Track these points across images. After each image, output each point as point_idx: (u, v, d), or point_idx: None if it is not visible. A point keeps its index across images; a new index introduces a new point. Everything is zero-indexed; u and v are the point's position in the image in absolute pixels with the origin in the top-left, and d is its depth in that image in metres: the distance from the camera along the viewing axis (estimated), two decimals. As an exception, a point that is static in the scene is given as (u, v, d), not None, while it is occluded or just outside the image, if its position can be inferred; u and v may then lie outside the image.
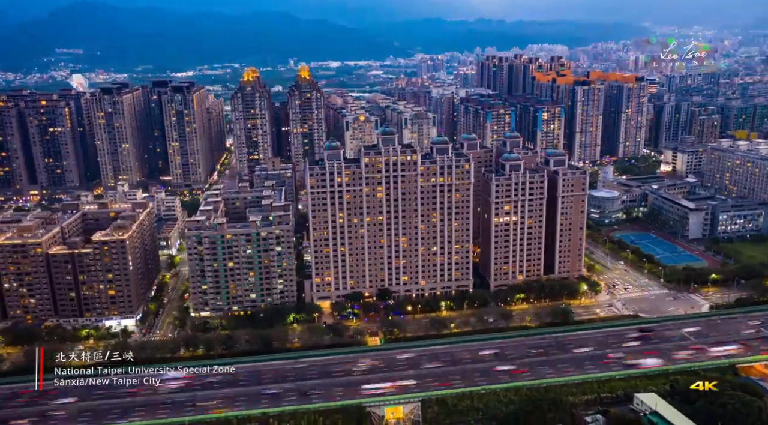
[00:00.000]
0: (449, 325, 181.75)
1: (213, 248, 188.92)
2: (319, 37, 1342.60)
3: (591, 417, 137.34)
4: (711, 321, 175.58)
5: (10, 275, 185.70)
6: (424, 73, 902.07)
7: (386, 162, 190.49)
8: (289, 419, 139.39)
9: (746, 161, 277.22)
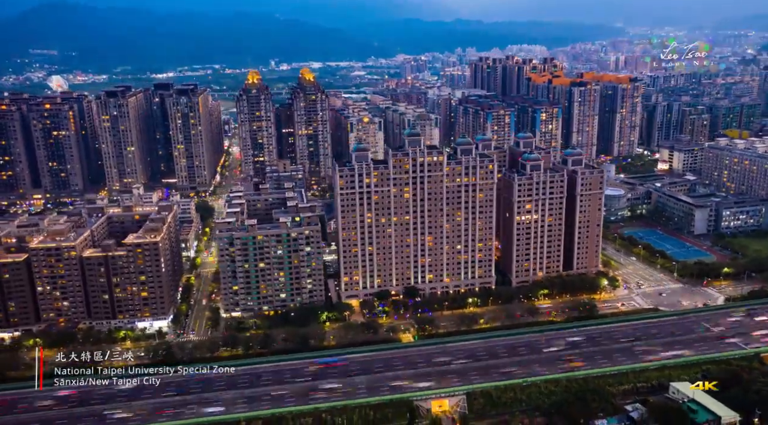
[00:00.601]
0: (479, 321, 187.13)
1: (244, 249, 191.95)
2: (299, 38, 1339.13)
3: (631, 406, 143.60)
4: (729, 313, 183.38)
5: (44, 279, 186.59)
6: (408, 74, 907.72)
7: (413, 163, 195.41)
8: (341, 414, 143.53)
9: (744, 159, 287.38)
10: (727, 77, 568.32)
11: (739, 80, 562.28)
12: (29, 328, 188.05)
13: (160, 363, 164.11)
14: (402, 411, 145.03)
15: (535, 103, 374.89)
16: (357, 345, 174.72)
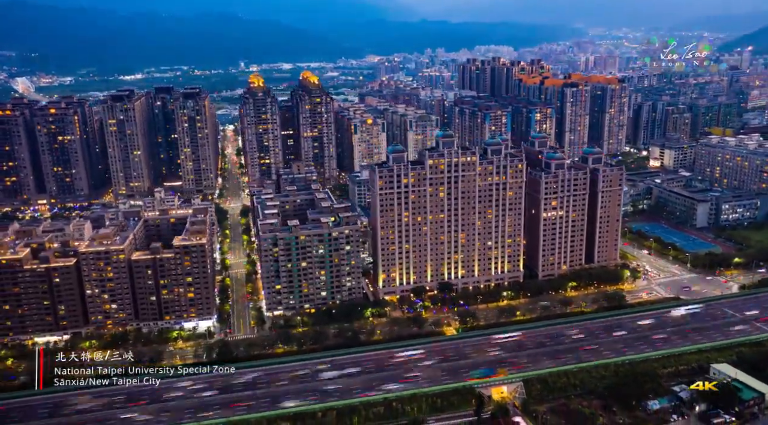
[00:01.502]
0: (515, 313, 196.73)
1: (287, 249, 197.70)
2: (267, 38, 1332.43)
3: (678, 387, 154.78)
4: (748, 300, 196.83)
5: (93, 282, 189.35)
6: (382, 75, 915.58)
7: (448, 163, 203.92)
8: (410, 402, 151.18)
9: (736, 155, 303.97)
10: (698, 77, 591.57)
11: (709, 80, 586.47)
12: (78, 331, 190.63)
13: (218, 361, 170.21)
14: (466, 399, 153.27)
15: (529, 103, 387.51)
16: (404, 339, 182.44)
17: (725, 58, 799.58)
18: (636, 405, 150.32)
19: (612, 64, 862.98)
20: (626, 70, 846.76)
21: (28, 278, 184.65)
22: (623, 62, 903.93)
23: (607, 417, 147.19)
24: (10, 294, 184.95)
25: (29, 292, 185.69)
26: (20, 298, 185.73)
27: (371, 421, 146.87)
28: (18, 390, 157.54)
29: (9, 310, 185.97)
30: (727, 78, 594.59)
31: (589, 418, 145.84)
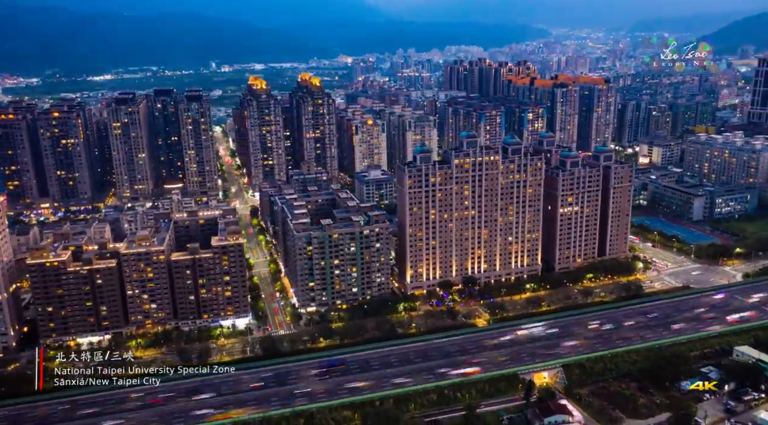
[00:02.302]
0: (540, 304, 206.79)
1: (321, 247, 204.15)
2: (235, 38, 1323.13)
3: (707, 368, 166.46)
4: (755, 286, 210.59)
5: (134, 283, 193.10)
6: (359, 76, 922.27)
7: (473, 162, 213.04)
8: (461, 389, 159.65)
9: (724, 151, 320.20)
10: (671, 77, 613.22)
11: (681, 80, 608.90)
12: (119, 331, 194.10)
13: (265, 357, 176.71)
14: (513, 384, 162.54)
15: (521, 104, 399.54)
16: (440, 331, 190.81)
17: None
18: (670, 385, 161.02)
19: (583, 64, 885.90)
20: (596, 70, 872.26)
21: (71, 280, 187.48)
22: (593, 62, 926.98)
23: (646, 397, 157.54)
24: (53, 296, 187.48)
25: (72, 294, 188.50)
26: (63, 300, 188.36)
27: (426, 408, 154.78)
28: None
29: (52, 312, 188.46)
30: (698, 78, 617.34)
31: (630, 399, 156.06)
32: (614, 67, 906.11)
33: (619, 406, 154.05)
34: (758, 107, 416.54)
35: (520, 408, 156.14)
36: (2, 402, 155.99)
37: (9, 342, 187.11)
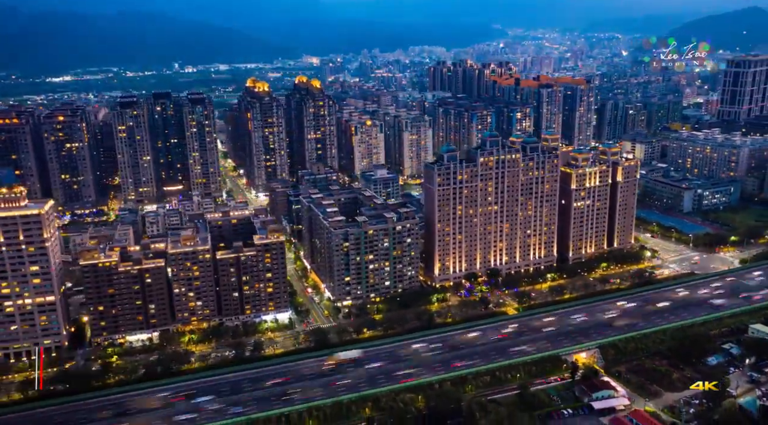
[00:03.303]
0: (563, 292, 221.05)
1: (357, 243, 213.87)
2: (197, 39, 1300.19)
3: (728, 345, 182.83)
4: (755, 270, 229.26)
5: (181, 281, 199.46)
6: (329, 76, 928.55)
7: (496, 160, 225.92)
8: (511, 370, 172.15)
9: (706, 147, 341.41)
10: (638, 77, 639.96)
11: (646, 80, 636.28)
12: (166, 328, 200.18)
13: (317, 348, 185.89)
14: (557, 365, 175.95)
15: (509, 104, 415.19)
16: (473, 319, 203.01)
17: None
18: (697, 361, 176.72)
19: (547, 64, 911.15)
20: (559, 70, 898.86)
21: (122, 280, 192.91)
22: (556, 62, 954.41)
23: (678, 372, 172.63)
24: (104, 296, 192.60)
25: (123, 293, 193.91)
26: (114, 299, 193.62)
27: (481, 388, 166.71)
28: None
29: (103, 311, 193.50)
30: (661, 78, 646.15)
31: (665, 374, 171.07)
32: (576, 67, 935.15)
33: (656, 381, 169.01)
34: (727, 105, 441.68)
35: (567, 386, 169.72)
36: (83, 395, 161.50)
37: (62, 342, 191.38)
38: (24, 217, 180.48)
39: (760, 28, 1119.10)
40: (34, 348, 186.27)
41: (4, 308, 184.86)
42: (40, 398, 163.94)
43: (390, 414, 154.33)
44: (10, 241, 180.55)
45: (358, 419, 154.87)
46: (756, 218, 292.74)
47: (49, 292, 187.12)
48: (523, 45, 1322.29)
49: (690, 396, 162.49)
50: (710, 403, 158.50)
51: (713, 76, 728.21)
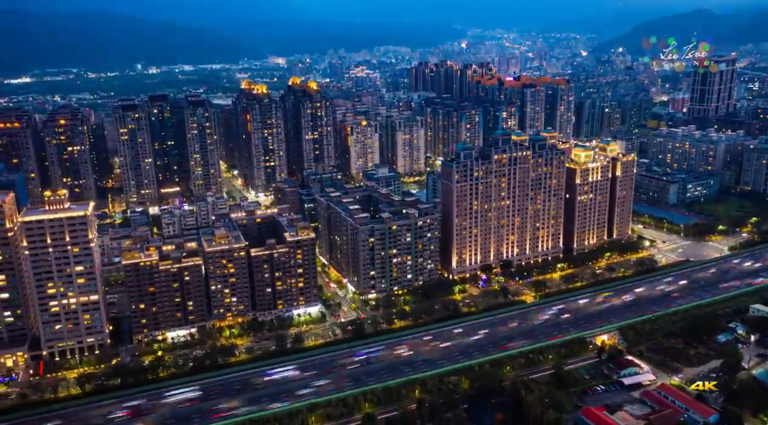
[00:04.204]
0: (574, 280, 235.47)
1: (382, 238, 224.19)
2: (157, 38, 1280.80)
3: (733, 324, 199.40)
4: (744, 256, 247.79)
5: (217, 278, 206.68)
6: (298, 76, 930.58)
7: (509, 157, 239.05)
8: (542, 352, 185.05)
9: (685, 143, 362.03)
10: (606, 77, 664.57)
11: (614, 79, 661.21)
12: (203, 324, 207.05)
13: (356, 338, 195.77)
14: (583, 346, 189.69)
15: (494, 103, 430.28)
16: (496, 308, 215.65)
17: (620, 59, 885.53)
18: (708, 339, 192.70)
19: (514, 64, 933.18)
20: (526, 70, 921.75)
21: (163, 278, 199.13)
22: (522, 63, 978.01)
23: (693, 350, 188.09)
24: (145, 294, 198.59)
25: (163, 291, 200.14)
26: (155, 297, 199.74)
27: (517, 369, 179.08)
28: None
29: (144, 309, 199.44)
30: (628, 77, 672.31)
31: (682, 352, 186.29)
32: (542, 66, 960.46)
33: (675, 358, 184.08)
34: (697, 103, 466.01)
35: (595, 365, 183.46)
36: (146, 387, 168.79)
37: (104, 340, 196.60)
38: (70, 218, 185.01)
39: (708, 29, 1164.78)
40: (78, 346, 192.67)
41: (49, 308, 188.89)
42: (98, 392, 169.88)
43: (439, 395, 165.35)
44: (57, 242, 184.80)
45: (410, 400, 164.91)
46: (736, 208, 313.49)
47: (93, 291, 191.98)
48: (485, 45, 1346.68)
49: (708, 370, 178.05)
50: (726, 376, 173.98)
51: (674, 75, 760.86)
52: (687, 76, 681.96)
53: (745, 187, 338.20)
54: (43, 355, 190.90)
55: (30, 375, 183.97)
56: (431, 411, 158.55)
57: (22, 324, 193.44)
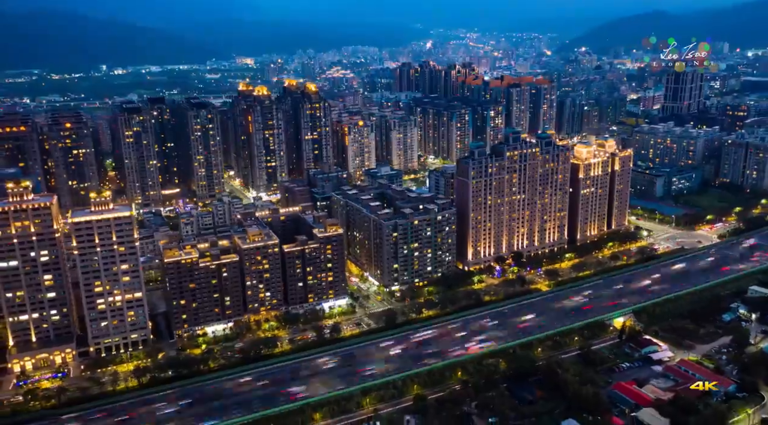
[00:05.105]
0: (583, 268, 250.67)
1: (404, 233, 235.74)
2: (120, 39, 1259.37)
3: (735, 304, 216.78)
4: (734, 244, 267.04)
5: (253, 274, 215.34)
6: (273, 76, 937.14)
7: (519, 154, 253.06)
8: (567, 335, 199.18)
9: (666, 138, 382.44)
10: (579, 76, 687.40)
11: (586, 78, 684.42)
12: (239, 318, 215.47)
13: (390, 327, 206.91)
14: (603, 328, 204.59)
15: (481, 103, 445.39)
16: (514, 296, 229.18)
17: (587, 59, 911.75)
18: (714, 319, 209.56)
19: (485, 63, 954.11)
20: (496, 70, 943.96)
21: (202, 275, 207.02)
22: (492, 62, 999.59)
23: (703, 329, 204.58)
24: (186, 290, 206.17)
25: (202, 287, 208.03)
26: (195, 293, 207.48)
27: (547, 351, 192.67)
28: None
29: (184, 304, 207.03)
30: (599, 77, 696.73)
31: (693, 330, 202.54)
32: (510, 66, 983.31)
33: (687, 336, 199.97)
34: (670, 101, 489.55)
35: (616, 345, 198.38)
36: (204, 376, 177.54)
37: (147, 335, 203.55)
38: (117, 219, 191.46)
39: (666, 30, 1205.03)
40: (123, 342, 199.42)
41: (96, 305, 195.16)
42: (154, 383, 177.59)
43: (480, 376, 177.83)
44: (104, 242, 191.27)
45: (454, 382, 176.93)
46: (718, 199, 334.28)
47: (137, 289, 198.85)
48: (451, 45, 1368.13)
49: (719, 346, 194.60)
50: (736, 351, 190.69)
51: (640, 74, 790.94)
52: (653, 76, 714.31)
53: (724, 179, 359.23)
54: (90, 351, 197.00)
55: (81, 371, 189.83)
56: (475, 390, 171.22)
57: (67, 322, 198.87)
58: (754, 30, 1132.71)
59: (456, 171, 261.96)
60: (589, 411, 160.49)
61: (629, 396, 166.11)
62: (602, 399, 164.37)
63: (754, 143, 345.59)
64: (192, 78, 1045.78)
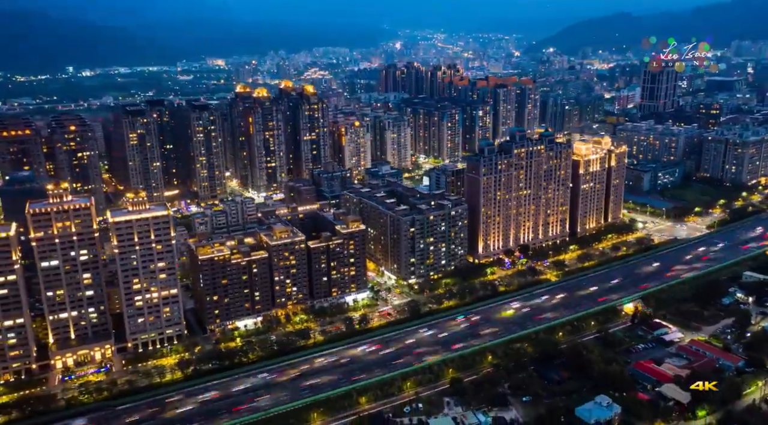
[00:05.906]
0: (586, 259, 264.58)
1: (421, 228, 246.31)
2: (84, 40, 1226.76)
3: (732, 288, 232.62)
4: (724, 233, 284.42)
5: (280, 270, 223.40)
6: (248, 77, 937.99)
7: (526, 151, 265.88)
8: (584, 320, 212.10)
9: (649, 135, 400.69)
10: (554, 76, 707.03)
11: (561, 78, 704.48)
12: (267, 313, 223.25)
13: (413, 318, 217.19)
14: (615, 313, 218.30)
15: (469, 103, 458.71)
16: (525, 287, 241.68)
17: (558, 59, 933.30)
18: (715, 302, 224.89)
19: (460, 64, 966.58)
20: (469, 70, 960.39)
21: (234, 271, 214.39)
22: (465, 63, 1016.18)
23: (706, 311, 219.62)
24: (218, 286, 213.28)
25: (234, 283, 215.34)
26: (226, 289, 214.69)
27: (567, 335, 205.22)
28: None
29: (216, 300, 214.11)
30: (574, 77, 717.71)
31: (697, 313, 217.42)
32: (483, 67, 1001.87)
33: (693, 319, 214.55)
34: (647, 100, 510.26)
35: (629, 328, 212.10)
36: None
37: (182, 330, 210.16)
38: (155, 218, 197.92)
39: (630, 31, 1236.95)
40: (159, 337, 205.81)
41: (134, 302, 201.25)
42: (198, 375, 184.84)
43: (509, 360, 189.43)
44: (143, 240, 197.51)
45: (487, 365, 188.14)
46: (701, 193, 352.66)
47: (173, 286, 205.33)
48: (420, 45, 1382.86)
49: (723, 326, 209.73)
50: (740, 331, 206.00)
51: (610, 74, 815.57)
52: (623, 75, 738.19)
53: (705, 174, 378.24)
54: (128, 347, 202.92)
55: (122, 365, 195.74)
56: (507, 373, 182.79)
57: (104, 320, 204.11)
58: (712, 32, 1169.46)
59: (466, 168, 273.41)
60: (615, 388, 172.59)
61: (650, 374, 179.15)
62: (627, 377, 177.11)
63: (732, 140, 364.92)
64: (164, 80, 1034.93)
